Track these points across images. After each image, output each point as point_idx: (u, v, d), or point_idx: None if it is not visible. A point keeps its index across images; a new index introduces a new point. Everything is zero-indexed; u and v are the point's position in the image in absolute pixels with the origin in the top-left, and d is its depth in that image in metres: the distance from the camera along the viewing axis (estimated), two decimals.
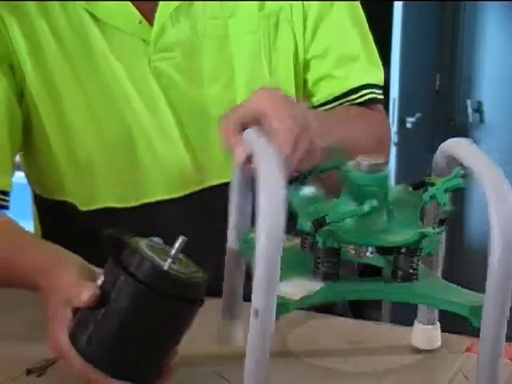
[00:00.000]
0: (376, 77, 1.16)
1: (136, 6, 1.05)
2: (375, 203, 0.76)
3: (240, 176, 0.86)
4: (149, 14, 1.06)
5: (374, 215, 0.78)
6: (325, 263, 0.80)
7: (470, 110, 2.95)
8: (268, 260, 0.69)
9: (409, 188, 0.83)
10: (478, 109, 2.97)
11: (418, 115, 2.74)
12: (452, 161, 0.82)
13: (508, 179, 0.73)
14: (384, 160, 0.80)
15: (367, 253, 0.81)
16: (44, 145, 1.09)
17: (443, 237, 0.89)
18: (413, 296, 0.80)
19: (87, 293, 0.80)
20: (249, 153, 0.79)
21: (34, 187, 1.18)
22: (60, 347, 0.82)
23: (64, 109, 1.06)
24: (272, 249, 0.69)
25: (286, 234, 0.83)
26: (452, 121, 3.01)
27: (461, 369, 0.91)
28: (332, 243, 0.79)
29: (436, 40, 2.97)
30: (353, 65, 1.13)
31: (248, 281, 0.78)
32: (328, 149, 0.83)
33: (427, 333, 0.95)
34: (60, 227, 1.14)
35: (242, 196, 0.87)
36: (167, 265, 0.78)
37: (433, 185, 0.80)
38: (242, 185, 0.86)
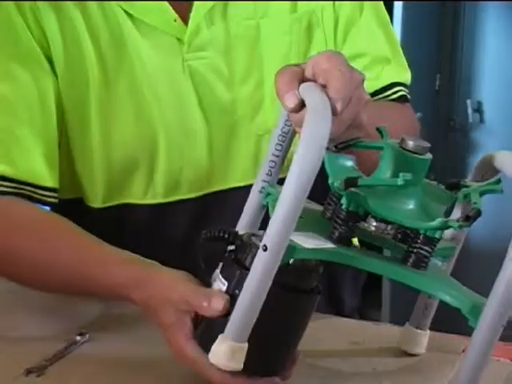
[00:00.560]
0: (405, 77, 1.18)
1: (171, 5, 1.06)
2: (409, 177, 0.76)
3: (283, 125, 0.84)
4: (183, 14, 1.06)
5: (405, 196, 0.79)
6: (342, 226, 0.80)
7: (470, 110, 2.95)
8: (292, 198, 0.70)
9: (441, 186, 0.83)
10: (478, 109, 2.97)
11: (418, 115, 2.72)
12: (492, 171, 0.83)
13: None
14: (429, 145, 0.80)
15: (385, 232, 0.81)
16: (63, 141, 1.09)
17: (460, 245, 0.90)
18: (418, 282, 0.79)
19: (219, 302, 0.79)
20: (299, 102, 0.77)
21: None
22: (192, 358, 0.82)
23: (89, 106, 1.06)
24: (300, 188, 0.70)
25: None
26: (452, 121, 3.01)
27: None
28: (356, 208, 0.79)
29: (436, 40, 2.97)
30: (382, 66, 1.14)
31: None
32: (377, 128, 0.83)
33: (414, 337, 0.96)
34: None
35: (280, 148, 0.86)
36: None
37: (467, 187, 0.81)
38: (284, 135, 0.85)
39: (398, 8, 2.65)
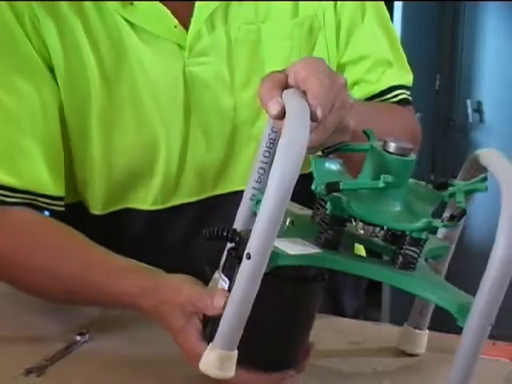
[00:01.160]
0: (406, 79, 1.17)
1: (171, 11, 1.05)
2: (390, 179, 0.76)
3: (269, 131, 0.85)
4: (184, 19, 1.05)
5: (389, 198, 0.79)
6: (328, 231, 0.80)
7: (470, 110, 2.96)
8: (273, 205, 0.69)
9: (429, 186, 0.83)
10: (478, 109, 2.97)
11: (418, 115, 2.72)
12: (480, 169, 0.82)
13: None
14: (412, 147, 0.79)
15: (373, 234, 0.82)
16: (64, 150, 1.08)
17: (453, 244, 0.90)
18: (404, 283, 0.79)
19: (221, 300, 0.79)
20: (282, 108, 0.77)
21: None
22: None
23: (90, 115, 1.05)
24: (280, 195, 0.69)
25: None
26: (452, 121, 3.01)
27: None
28: (341, 212, 0.79)
29: (436, 40, 2.97)
30: (385, 69, 1.14)
31: None
32: (363, 131, 0.83)
33: (413, 337, 0.96)
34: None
35: (268, 155, 0.86)
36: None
37: (454, 186, 0.81)
38: (271, 141, 0.85)
39: (398, 8, 2.65)
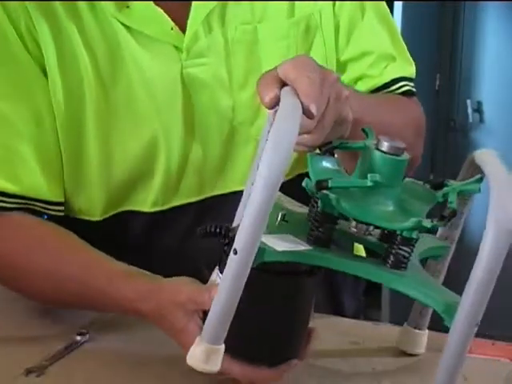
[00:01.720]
0: (409, 71, 1.17)
1: (167, 13, 1.05)
2: (378, 178, 0.76)
3: (268, 130, 0.84)
4: (180, 21, 1.05)
5: (381, 197, 0.79)
6: (319, 228, 0.80)
7: (470, 110, 2.96)
8: (260, 201, 0.69)
9: (427, 186, 0.83)
10: (478, 109, 2.97)
11: None
12: (478, 170, 0.82)
13: None
14: (405, 146, 0.79)
15: (367, 232, 0.81)
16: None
17: (453, 246, 0.90)
18: (393, 281, 0.79)
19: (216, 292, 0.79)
20: (275, 97, 0.77)
21: None
22: None
23: (86, 121, 1.05)
24: (267, 191, 0.69)
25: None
26: (452, 121, 3.01)
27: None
28: (331, 210, 0.79)
29: (436, 40, 2.97)
30: (388, 63, 1.14)
31: None
32: (362, 129, 0.83)
33: (413, 337, 0.96)
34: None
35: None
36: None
37: (449, 186, 0.81)
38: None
39: (398, 8, 2.65)
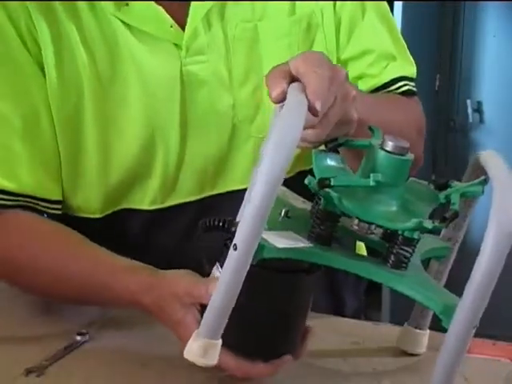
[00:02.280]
0: (410, 70, 1.17)
1: (167, 11, 1.05)
2: (380, 178, 0.76)
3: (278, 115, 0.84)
4: (180, 19, 1.05)
5: (385, 197, 0.79)
6: (321, 226, 0.80)
7: (470, 110, 2.95)
8: (261, 197, 0.69)
9: (430, 186, 0.83)
10: (478, 109, 2.97)
11: None
12: (481, 170, 0.81)
13: None
14: (409, 146, 0.79)
15: (369, 231, 0.82)
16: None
17: (456, 247, 0.90)
18: (392, 281, 0.79)
19: (214, 287, 0.79)
20: (283, 93, 0.77)
21: None
22: None
23: (84, 119, 1.05)
24: (269, 186, 0.68)
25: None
26: (452, 121, 3.01)
27: (460, 370, 0.91)
28: (333, 208, 0.79)
29: (436, 40, 2.97)
30: (388, 62, 1.14)
31: None
32: (369, 127, 0.83)
33: (414, 337, 0.96)
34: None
35: None
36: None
37: (453, 188, 0.81)
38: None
39: (398, 8, 2.65)
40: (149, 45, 1.05)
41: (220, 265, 0.82)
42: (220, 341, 0.76)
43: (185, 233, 1.10)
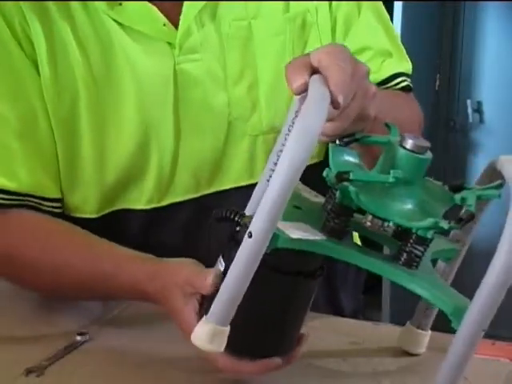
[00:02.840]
0: (406, 66, 1.18)
1: (160, 9, 1.05)
2: (400, 174, 0.76)
3: (293, 116, 0.82)
4: (173, 17, 1.05)
5: (402, 195, 0.79)
6: (335, 219, 0.80)
7: (470, 110, 2.95)
8: (281, 186, 0.69)
9: (445, 187, 0.83)
10: (478, 109, 2.97)
11: None
12: (497, 176, 0.81)
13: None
14: (429, 145, 0.79)
15: (382, 228, 0.81)
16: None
17: (465, 248, 0.90)
18: (403, 279, 0.79)
19: (213, 278, 0.81)
20: (304, 84, 0.77)
21: None
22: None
23: (80, 119, 1.05)
24: (289, 176, 0.69)
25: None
26: (452, 121, 3.01)
27: None
28: (349, 202, 0.79)
29: (436, 40, 2.97)
30: (384, 58, 1.14)
31: None
32: (386, 124, 0.83)
33: (415, 337, 0.96)
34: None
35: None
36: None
37: (468, 190, 0.81)
38: (293, 125, 0.85)
39: (398, 8, 2.65)
40: (142, 44, 1.05)
41: (223, 258, 0.82)
42: (228, 328, 0.76)
43: (183, 231, 1.10)
